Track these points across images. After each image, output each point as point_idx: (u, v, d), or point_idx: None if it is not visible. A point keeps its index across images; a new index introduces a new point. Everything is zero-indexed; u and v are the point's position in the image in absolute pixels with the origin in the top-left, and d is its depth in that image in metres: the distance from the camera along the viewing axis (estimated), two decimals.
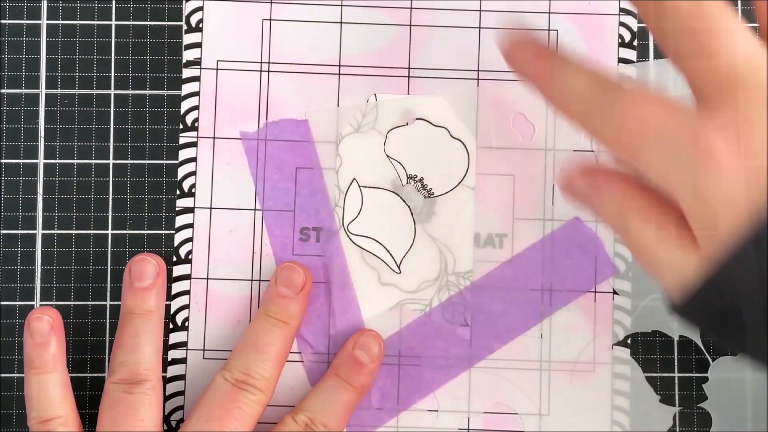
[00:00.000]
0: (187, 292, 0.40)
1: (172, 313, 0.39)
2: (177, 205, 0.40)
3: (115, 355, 0.37)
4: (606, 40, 0.40)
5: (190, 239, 0.40)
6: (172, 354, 0.39)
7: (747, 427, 0.39)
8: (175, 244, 0.40)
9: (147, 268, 0.38)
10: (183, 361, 0.39)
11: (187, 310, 0.40)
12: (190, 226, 0.40)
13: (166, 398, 0.39)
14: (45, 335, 0.37)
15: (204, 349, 0.39)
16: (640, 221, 0.30)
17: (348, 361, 0.38)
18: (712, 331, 0.30)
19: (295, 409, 0.37)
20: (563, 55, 0.31)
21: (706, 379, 0.39)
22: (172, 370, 0.39)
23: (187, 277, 0.40)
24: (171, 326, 0.39)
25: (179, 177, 0.40)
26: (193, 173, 0.40)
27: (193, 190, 0.40)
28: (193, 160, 0.40)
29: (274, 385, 0.37)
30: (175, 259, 0.40)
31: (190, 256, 0.40)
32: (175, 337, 0.39)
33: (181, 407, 0.39)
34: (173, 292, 0.40)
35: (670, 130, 0.28)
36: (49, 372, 0.37)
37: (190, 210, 0.40)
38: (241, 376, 0.36)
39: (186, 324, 0.39)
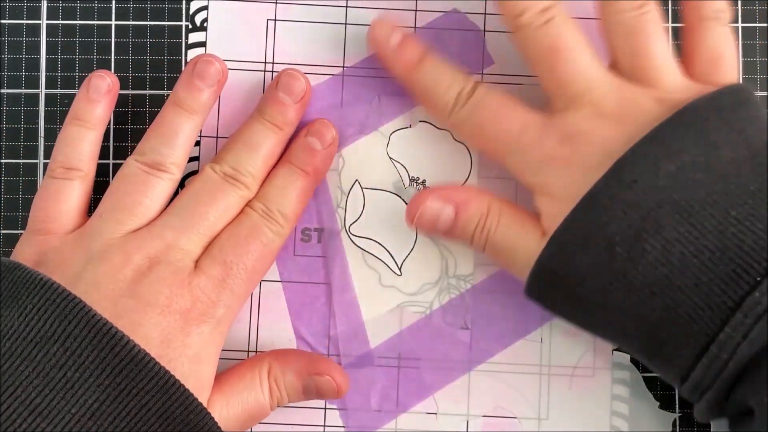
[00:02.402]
0: None
1: None
2: None
3: (148, 138, 0.37)
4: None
5: None
6: None
7: None
8: None
9: (211, 70, 0.38)
10: None
11: None
12: None
13: None
14: (100, 94, 0.37)
15: None
16: (503, 219, 0.36)
17: (301, 148, 0.38)
18: (562, 308, 0.35)
19: (253, 198, 0.37)
20: (428, 51, 0.38)
21: None
22: None
23: None
24: None
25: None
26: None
27: None
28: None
29: (260, 184, 0.38)
30: None
31: None
32: None
33: None
34: None
35: (522, 138, 0.35)
36: (89, 128, 0.37)
37: None
38: (230, 170, 0.37)
39: None
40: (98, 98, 0.37)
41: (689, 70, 0.36)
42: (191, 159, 0.40)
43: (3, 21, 0.40)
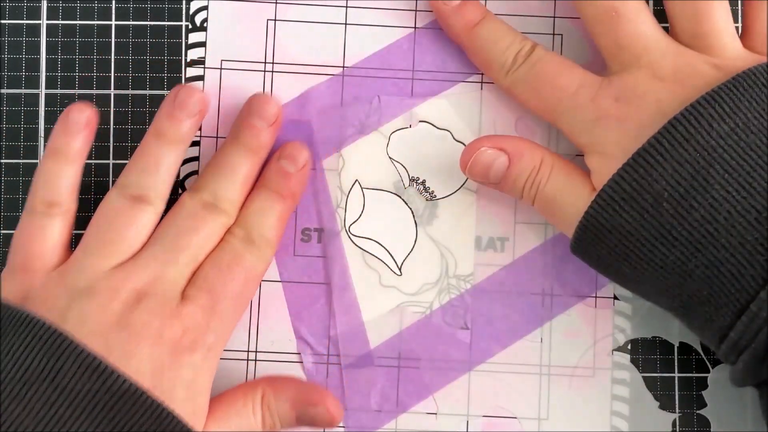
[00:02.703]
0: None
1: None
2: None
3: (129, 170, 0.37)
4: None
5: None
6: None
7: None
8: None
9: (192, 101, 0.37)
10: None
11: None
12: None
13: None
14: (78, 127, 0.36)
15: None
16: (554, 172, 0.36)
17: (275, 172, 0.38)
18: (606, 264, 0.35)
19: (233, 225, 0.37)
20: (488, 12, 0.39)
21: (705, 386, 0.39)
22: None
23: None
24: None
25: (181, 176, 0.40)
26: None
27: None
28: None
29: (239, 209, 0.38)
30: None
31: None
32: None
33: None
34: None
35: (578, 96, 0.36)
36: (68, 163, 0.36)
37: None
38: (209, 198, 0.37)
39: None
40: (77, 131, 0.36)
41: (747, 43, 0.36)
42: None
43: (3, 21, 0.40)
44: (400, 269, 0.40)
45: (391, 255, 0.40)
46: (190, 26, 0.40)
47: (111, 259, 0.35)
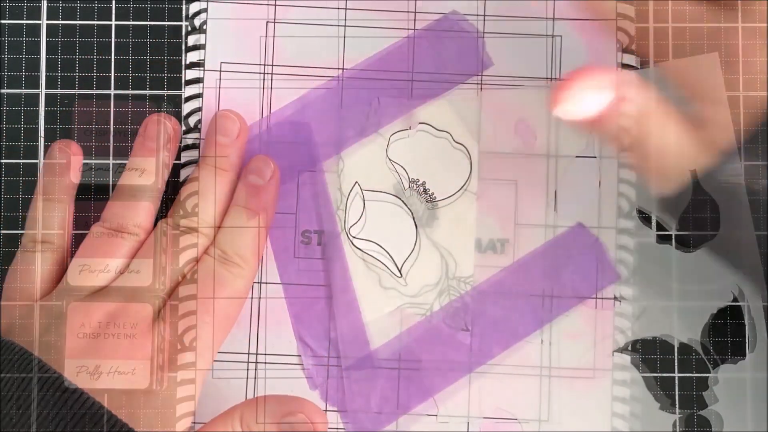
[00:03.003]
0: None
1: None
2: None
3: (110, 205, 0.38)
4: (608, 45, 0.40)
5: None
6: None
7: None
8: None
9: (161, 131, 0.38)
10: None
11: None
12: None
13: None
14: (63, 166, 0.38)
15: None
16: (666, 115, 0.33)
17: (244, 188, 0.38)
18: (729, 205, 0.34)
19: (210, 245, 0.38)
20: None
21: (706, 387, 0.39)
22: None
23: None
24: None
25: (182, 178, 0.40)
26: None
27: None
28: (196, 162, 0.40)
29: (215, 228, 0.38)
30: None
31: None
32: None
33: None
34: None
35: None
36: (56, 200, 0.38)
37: None
38: (185, 222, 0.38)
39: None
40: (61, 171, 0.38)
41: None
42: (189, 162, 0.40)
43: (3, 21, 0.40)
44: (400, 271, 0.40)
45: (391, 257, 0.40)
46: (189, 28, 0.40)
47: (90, 285, 0.36)
